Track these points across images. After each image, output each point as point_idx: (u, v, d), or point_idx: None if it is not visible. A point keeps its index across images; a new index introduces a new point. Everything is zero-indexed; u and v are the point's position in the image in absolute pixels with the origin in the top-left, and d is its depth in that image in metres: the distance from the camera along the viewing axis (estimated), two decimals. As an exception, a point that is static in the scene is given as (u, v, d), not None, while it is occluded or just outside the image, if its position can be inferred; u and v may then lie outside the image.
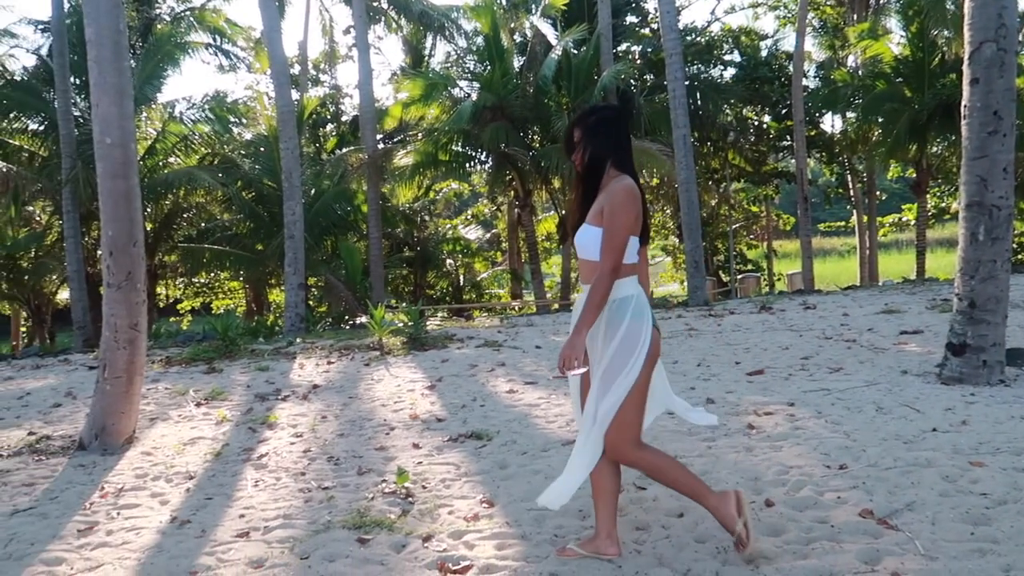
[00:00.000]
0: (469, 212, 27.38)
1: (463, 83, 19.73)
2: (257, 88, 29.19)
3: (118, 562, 3.07)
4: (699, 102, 20.08)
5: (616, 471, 2.90)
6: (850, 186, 25.44)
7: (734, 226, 26.40)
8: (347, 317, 15.41)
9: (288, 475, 4.16)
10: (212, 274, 23.48)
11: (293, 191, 12.71)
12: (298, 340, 10.09)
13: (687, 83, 14.73)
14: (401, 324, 9.70)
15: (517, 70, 18.87)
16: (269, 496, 3.81)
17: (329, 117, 26.88)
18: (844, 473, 3.64)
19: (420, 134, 20.06)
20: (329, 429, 5.19)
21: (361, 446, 4.68)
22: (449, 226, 25.10)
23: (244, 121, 21.74)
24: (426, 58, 26.08)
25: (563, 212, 19.02)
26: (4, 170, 19.57)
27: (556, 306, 18.28)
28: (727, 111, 22.14)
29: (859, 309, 10.18)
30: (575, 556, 2.86)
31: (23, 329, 23.90)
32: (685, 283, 21.90)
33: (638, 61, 20.93)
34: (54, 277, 19.04)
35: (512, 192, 20.04)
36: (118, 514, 3.68)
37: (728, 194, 25.06)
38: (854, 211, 26.46)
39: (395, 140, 21.93)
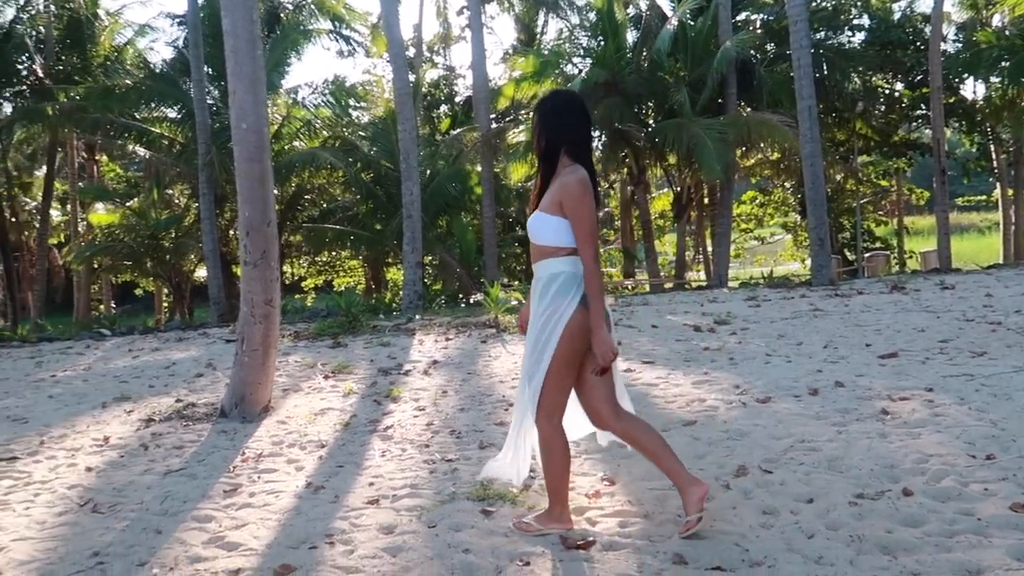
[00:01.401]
0: (581, 190, 27.18)
1: (575, 59, 19.55)
2: (374, 72, 30.04)
3: (261, 522, 3.27)
4: (825, 71, 19.04)
5: (646, 435, 3.03)
6: (993, 157, 23.56)
7: (861, 201, 25.01)
8: (461, 295, 15.72)
9: (413, 447, 4.30)
10: (333, 253, 24.47)
11: (411, 172, 13.02)
12: (417, 317, 10.39)
13: (812, 51, 13.99)
14: (516, 302, 9.78)
15: (631, 44, 18.51)
16: (396, 466, 3.96)
17: (443, 98, 27.31)
18: (992, 464, 3.40)
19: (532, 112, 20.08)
20: (450, 403, 5.32)
21: (481, 420, 4.78)
22: (561, 205, 25.01)
23: (363, 104, 22.43)
24: (538, 35, 26.02)
25: (678, 189, 18.61)
26: (147, 156, 21.13)
27: (670, 285, 17.96)
28: (855, 79, 20.88)
29: (1004, 290, 9.45)
30: (531, 531, 2.97)
31: (165, 304, 25.77)
32: (807, 262, 21.02)
33: (759, 30, 20.05)
34: (192, 256, 20.33)
35: (625, 169, 19.76)
36: (258, 477, 3.92)
37: (855, 167, 23.72)
38: (997, 184, 24.50)
39: (508, 119, 22.04)
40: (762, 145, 18.09)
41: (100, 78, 19.93)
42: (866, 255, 23.48)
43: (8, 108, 20.27)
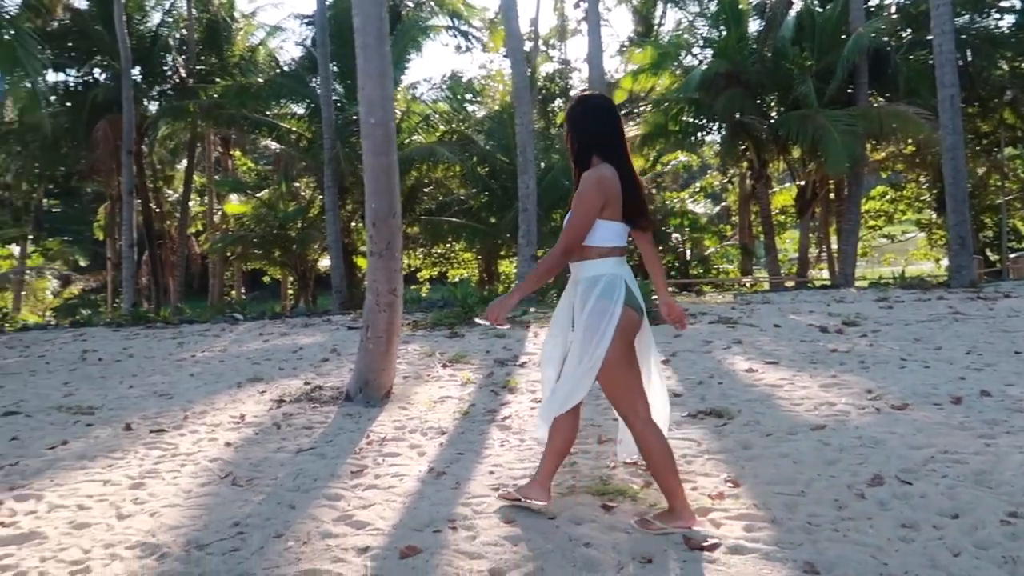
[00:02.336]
0: (697, 185, 26.59)
1: (695, 50, 19.09)
2: (490, 67, 30.40)
3: (386, 503, 3.38)
4: (968, 57, 17.76)
5: (571, 435, 3.15)
6: None
7: (1006, 198, 23.20)
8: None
9: (531, 438, 4.32)
10: (448, 245, 24.98)
11: (527, 165, 13.09)
12: (531, 309, 10.45)
13: (955, 36, 13.06)
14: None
15: (754, 33, 17.89)
16: (515, 456, 3.99)
17: (558, 92, 27.31)
18: None
19: (649, 105, 19.76)
20: (566, 397, 5.32)
21: (599, 415, 4.75)
22: (676, 199, 24.57)
23: (479, 99, 22.77)
24: (656, 27, 25.57)
25: (802, 183, 17.85)
26: (277, 150, 22.26)
27: (791, 283, 17.28)
28: (1003, 65, 19.37)
29: None
30: (511, 499, 3.16)
31: (290, 291, 27.10)
32: (942, 262, 19.70)
33: (894, 15, 18.91)
34: (316, 246, 21.28)
35: (745, 163, 19.15)
36: (383, 460, 4.05)
37: (1000, 161, 22.01)
38: None
39: (623, 112, 21.80)
40: (895, 138, 17.07)
41: (236, 77, 21.15)
42: (1011, 256, 21.78)
43: (154, 106, 21.77)
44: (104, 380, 7.37)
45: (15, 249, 24.94)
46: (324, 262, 22.24)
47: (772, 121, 16.41)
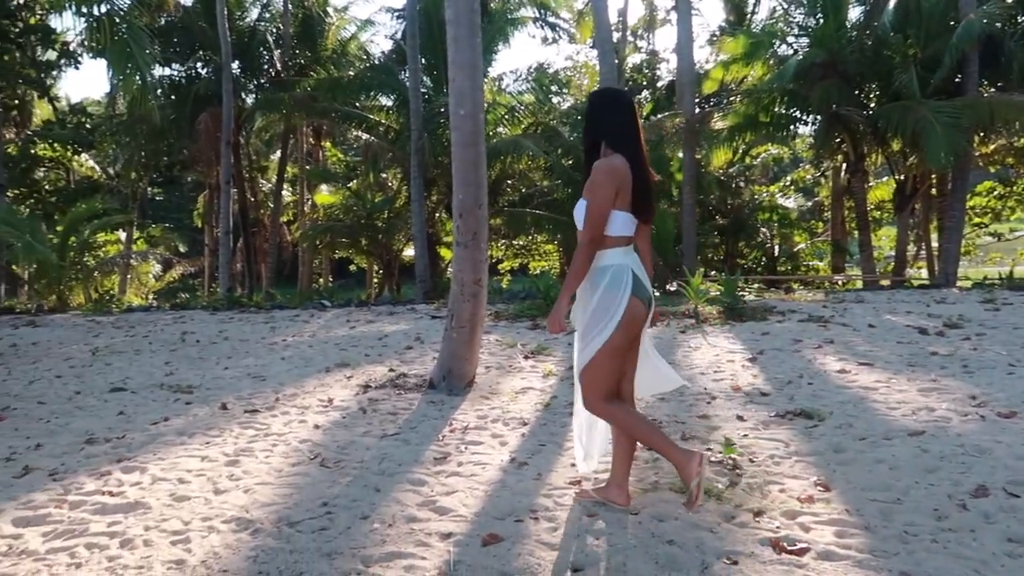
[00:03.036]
0: (788, 179, 25.76)
1: (790, 39, 18.45)
2: (576, 58, 30.21)
3: (469, 491, 3.42)
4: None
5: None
6: None
7: None
8: (655, 283, 15.47)
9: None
10: (530, 237, 25.01)
11: (612, 157, 12.95)
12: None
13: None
14: (716, 293, 9.47)
15: (854, 21, 17.15)
16: (597, 450, 3.97)
17: (645, 83, 26.92)
18: None
19: (739, 96, 19.25)
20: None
21: (683, 412, 4.67)
22: (765, 193, 23.87)
23: (565, 90, 22.64)
24: (748, 15, 24.86)
25: (901, 178, 17.05)
26: (365, 141, 22.76)
27: (887, 282, 16.55)
28: None
29: None
30: (589, 499, 3.17)
31: (375, 280, 27.72)
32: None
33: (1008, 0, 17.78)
34: (401, 236, 21.66)
35: (840, 156, 18.43)
36: (465, 448, 4.10)
37: None
38: None
39: (712, 103, 21.32)
40: (1005, 130, 16.07)
41: (328, 70, 21.71)
42: None
43: (251, 99, 22.58)
44: (202, 361, 7.73)
45: (122, 235, 26.38)
46: (408, 252, 22.63)
47: (871, 112, 15.70)
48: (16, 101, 23.69)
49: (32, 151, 22.09)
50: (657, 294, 3.56)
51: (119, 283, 22.83)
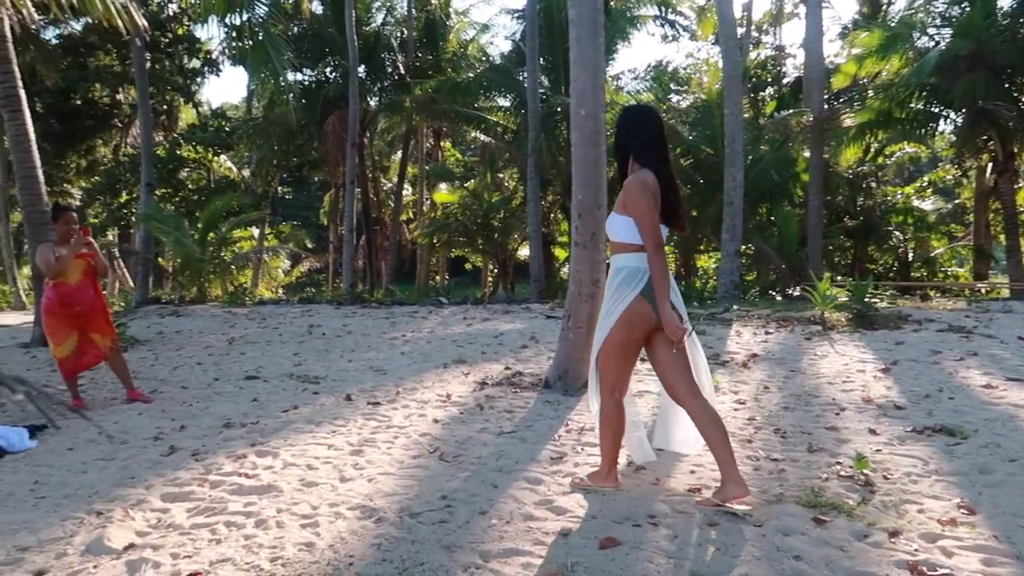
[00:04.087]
0: (925, 179, 24.18)
1: (931, 30, 17.31)
2: (696, 55, 29.53)
3: (585, 492, 3.40)
4: None
5: (710, 420, 3.20)
6: None
7: None
8: (778, 287, 14.91)
9: (734, 440, 4.13)
10: (645, 238, 24.61)
11: (735, 157, 12.59)
12: (734, 307, 10.07)
13: None
14: (845, 299, 9.01)
15: (1004, 9, 15.89)
16: (717, 457, 3.86)
17: (770, 80, 25.99)
18: None
19: (872, 91, 18.24)
20: (772, 400, 5.07)
21: (809, 423, 4.47)
22: (899, 194, 22.50)
23: (684, 88, 22.21)
24: (884, 6, 23.53)
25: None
26: (483, 142, 23.13)
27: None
28: None
29: None
30: (709, 506, 3.13)
31: (489, 279, 28.11)
32: None
33: None
34: (516, 235, 21.89)
35: (986, 155, 17.14)
36: (581, 449, 4.09)
37: None
38: None
39: (841, 100, 20.32)
40: None
41: (448, 72, 22.19)
42: None
43: (374, 101, 23.40)
44: (327, 353, 8.08)
45: (255, 231, 27.94)
46: (523, 251, 22.83)
47: (1022, 107, 14.53)
48: (165, 106, 25.57)
49: (178, 153, 23.75)
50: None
51: (252, 277, 24.20)
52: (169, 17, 23.01)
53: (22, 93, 8.95)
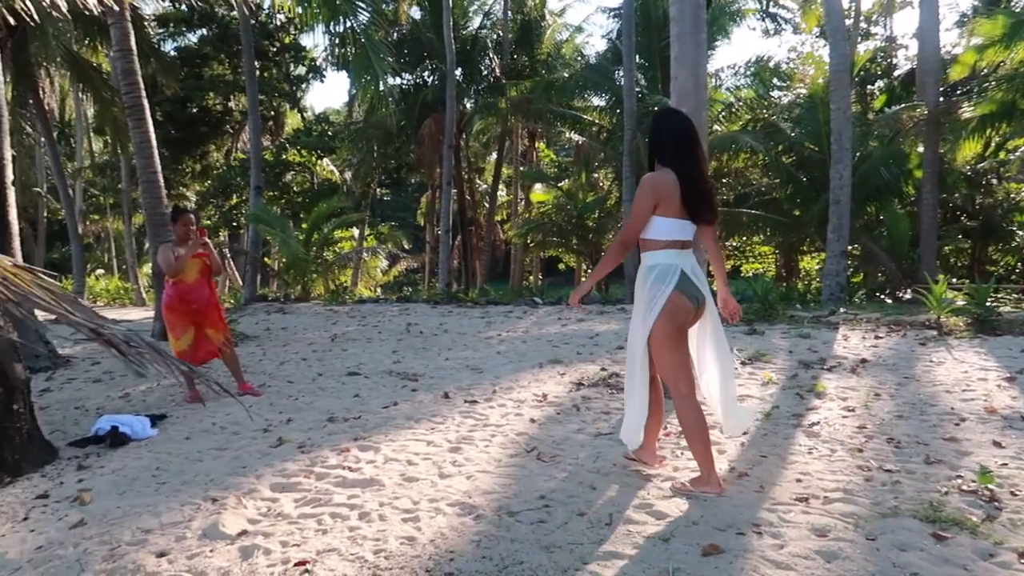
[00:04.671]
0: (1054, 175, 22.48)
1: (1064, 14, 16.08)
2: (800, 49, 28.52)
3: (686, 497, 3.32)
4: None
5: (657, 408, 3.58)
6: None
7: None
8: (887, 289, 14.20)
9: (844, 449, 3.98)
10: (744, 238, 23.98)
11: (842, 154, 12.07)
12: (841, 310, 9.65)
13: None
14: (962, 302, 8.49)
15: None
16: (825, 466, 3.71)
17: (880, 72, 24.80)
18: None
19: (993, 81, 17.10)
20: (884, 408, 4.82)
21: (925, 433, 4.23)
22: (1024, 191, 21.02)
23: (787, 84, 21.46)
24: (1008, -8, 22.05)
25: None
26: (578, 142, 23.07)
27: None
28: None
29: None
30: (682, 490, 3.35)
31: (581, 279, 28.01)
32: None
33: None
34: (610, 235, 21.71)
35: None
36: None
37: None
38: None
39: (958, 92, 19.17)
40: None
41: (543, 73, 22.23)
42: None
43: (470, 104, 23.70)
44: (425, 351, 8.23)
45: (355, 232, 28.80)
46: (617, 252, 22.65)
47: None
48: (272, 113, 26.68)
49: (284, 157, 24.76)
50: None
51: (352, 276, 24.95)
52: (277, 27, 24.03)
53: (146, 103, 9.53)
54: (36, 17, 6.90)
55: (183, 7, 22.10)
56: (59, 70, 18.50)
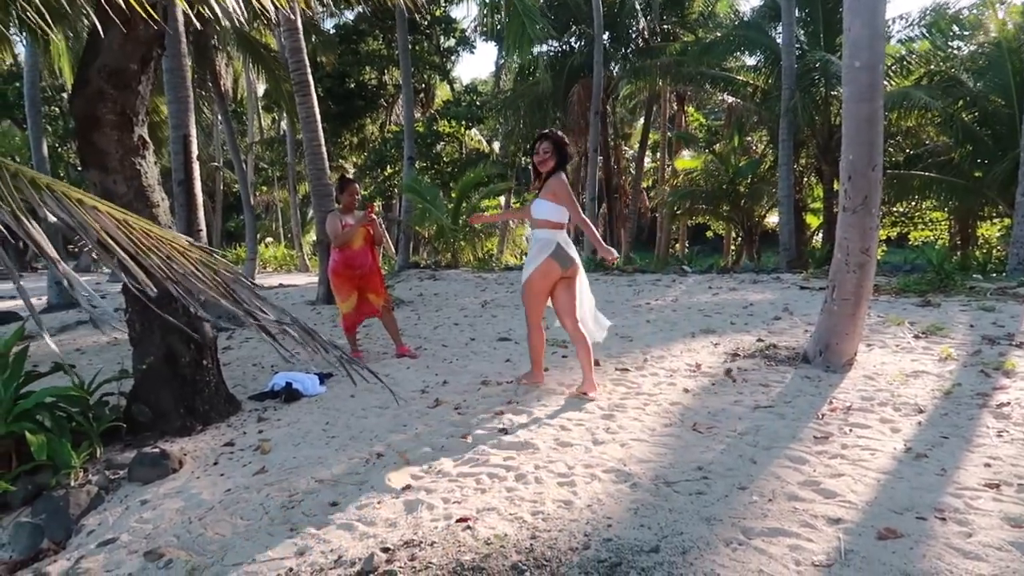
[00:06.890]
0: None
1: None
2: (986, -7, 25.70)
3: (857, 477, 3.14)
4: None
5: (582, 341, 4.83)
6: None
7: None
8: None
9: None
10: (913, 203, 22.18)
11: (1035, 107, 10.84)
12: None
13: None
14: None
15: None
16: (1018, 451, 3.38)
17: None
18: None
19: None
20: (1088, 390, 4.33)
21: None
22: None
23: (968, 33, 19.45)
24: None
25: None
26: (730, 104, 22.11)
27: None
28: None
29: None
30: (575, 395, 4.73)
31: (732, 247, 27.01)
32: None
33: None
34: (764, 201, 20.74)
35: None
36: (850, 431, 3.78)
37: None
38: None
39: None
40: None
41: (695, 33, 21.39)
42: None
43: (617, 69, 23.23)
44: (573, 318, 8.22)
45: (501, 200, 29.21)
46: (771, 218, 21.62)
47: None
48: (423, 85, 27.42)
49: (435, 128, 25.41)
50: None
51: (498, 244, 25.37)
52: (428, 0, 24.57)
53: (311, 78, 10.04)
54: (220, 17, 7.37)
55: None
56: (234, 51, 19.81)
